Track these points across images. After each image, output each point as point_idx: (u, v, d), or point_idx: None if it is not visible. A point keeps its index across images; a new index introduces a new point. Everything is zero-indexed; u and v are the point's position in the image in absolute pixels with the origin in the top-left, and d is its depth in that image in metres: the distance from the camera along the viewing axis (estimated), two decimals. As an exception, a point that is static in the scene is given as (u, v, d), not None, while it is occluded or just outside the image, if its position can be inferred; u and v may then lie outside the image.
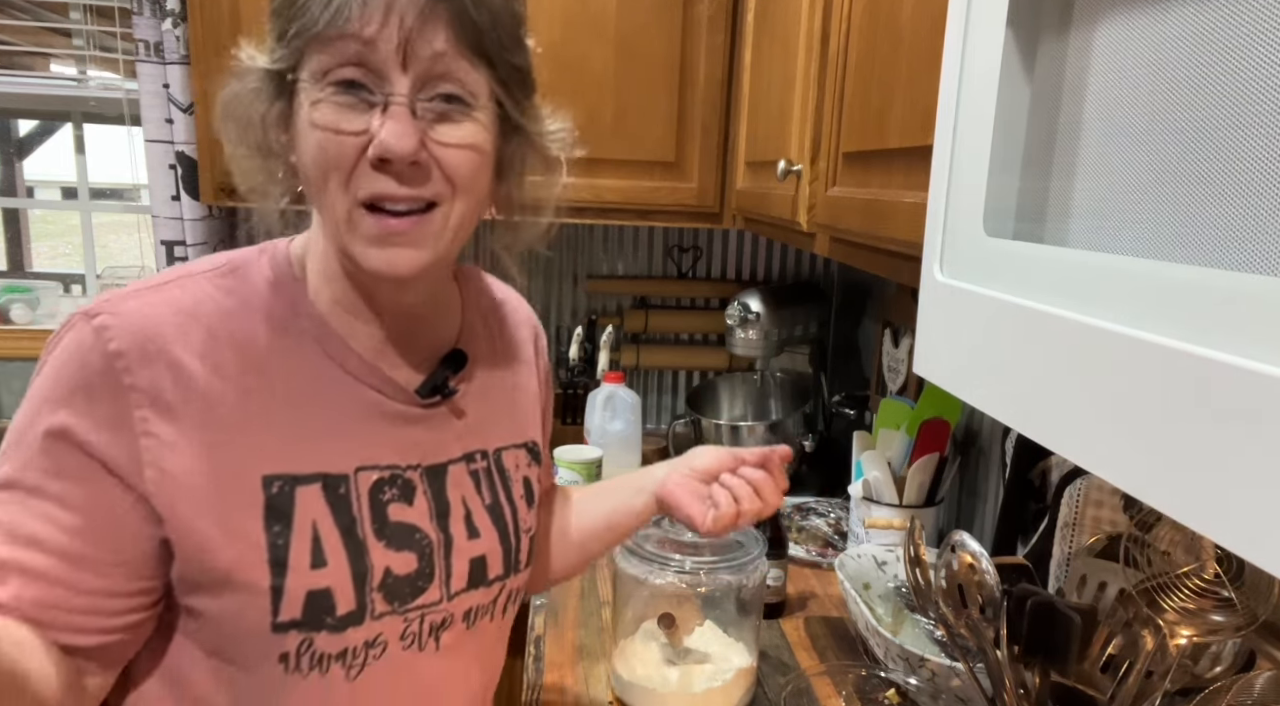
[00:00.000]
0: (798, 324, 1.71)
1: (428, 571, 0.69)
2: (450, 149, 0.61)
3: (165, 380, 0.60)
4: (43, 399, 0.60)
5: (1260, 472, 0.25)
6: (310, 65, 0.60)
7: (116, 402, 0.59)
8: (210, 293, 0.65)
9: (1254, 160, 0.29)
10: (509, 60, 0.63)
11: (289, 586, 0.62)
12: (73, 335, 0.61)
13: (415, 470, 0.70)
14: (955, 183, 0.47)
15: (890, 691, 0.97)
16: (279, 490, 0.63)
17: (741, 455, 0.84)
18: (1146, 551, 0.73)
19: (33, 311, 1.90)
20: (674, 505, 0.83)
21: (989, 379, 0.44)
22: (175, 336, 0.61)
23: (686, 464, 0.85)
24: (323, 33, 0.58)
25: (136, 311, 0.61)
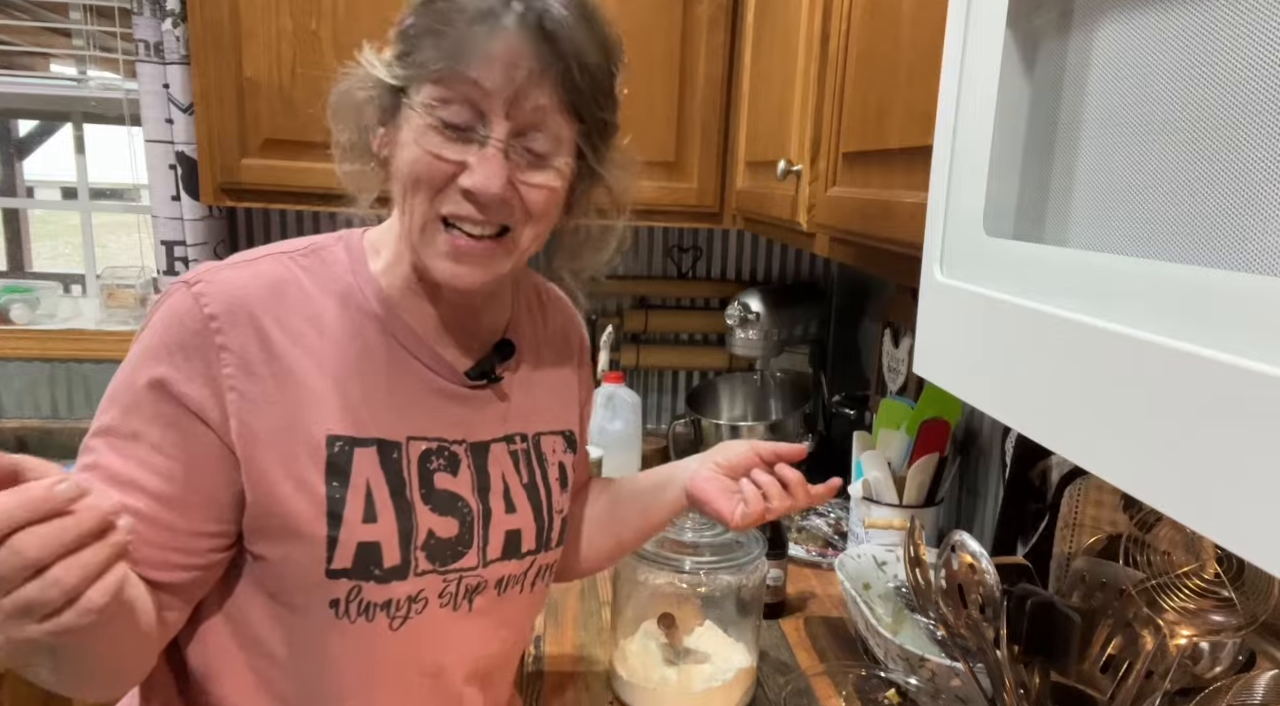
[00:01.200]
0: (798, 324, 1.71)
1: (467, 537, 0.75)
2: (532, 188, 0.69)
3: (251, 343, 0.68)
4: (143, 355, 0.67)
5: (1260, 472, 0.25)
6: (425, 92, 0.67)
7: (208, 359, 0.67)
8: (294, 270, 0.73)
9: (1254, 160, 0.29)
10: (598, 115, 0.72)
11: (342, 538, 0.69)
12: (174, 299, 0.68)
13: (460, 445, 0.77)
14: (955, 182, 0.47)
15: (890, 691, 0.97)
16: (339, 450, 0.70)
17: (774, 450, 0.86)
18: (1146, 551, 0.73)
19: (33, 311, 1.90)
20: (703, 500, 0.85)
21: (989, 379, 0.44)
22: (261, 306, 0.69)
23: (714, 458, 0.88)
24: (446, 70, 0.66)
25: (230, 280, 0.69)
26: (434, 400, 0.76)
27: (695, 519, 1.02)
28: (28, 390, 1.89)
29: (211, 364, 0.67)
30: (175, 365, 0.66)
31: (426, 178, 0.68)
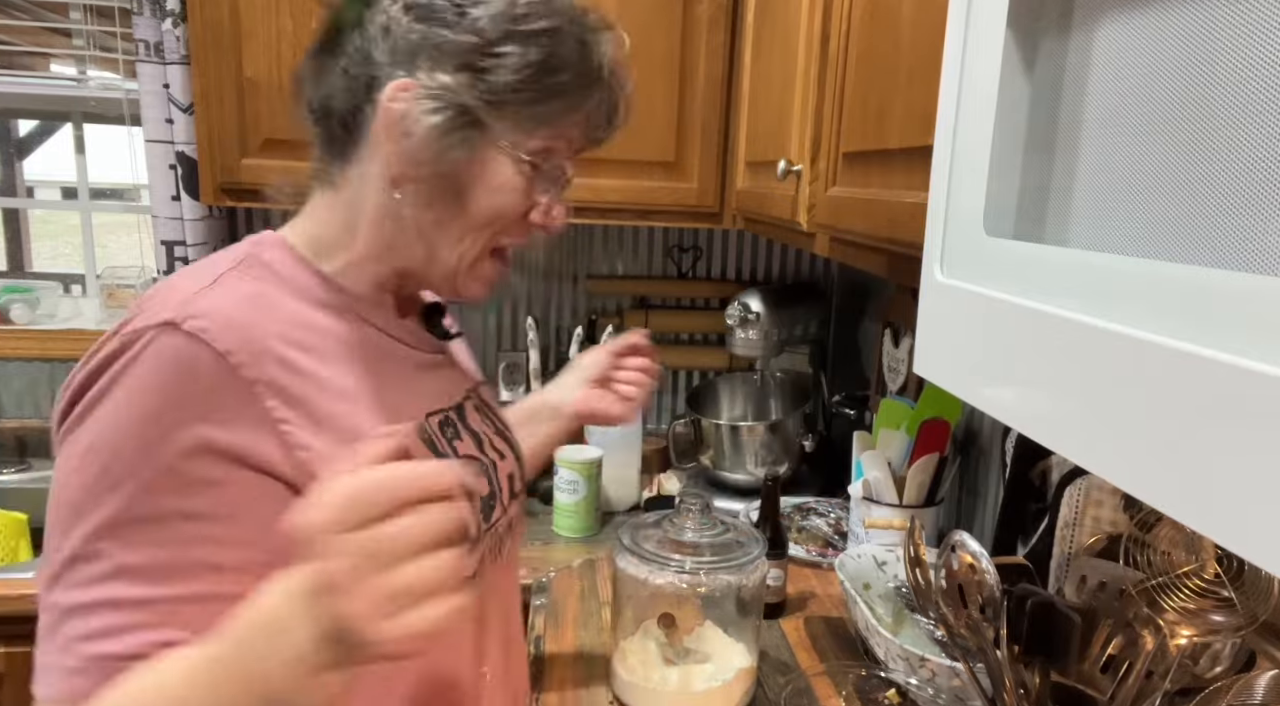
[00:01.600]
0: (798, 324, 1.71)
1: (494, 491, 0.78)
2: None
3: (276, 369, 0.61)
4: (147, 419, 0.56)
5: (1260, 472, 0.25)
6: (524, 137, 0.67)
7: (245, 400, 0.59)
8: (255, 283, 0.66)
9: (1255, 160, 0.29)
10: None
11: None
12: (159, 347, 0.57)
13: (452, 409, 0.79)
14: (955, 182, 0.47)
15: (890, 691, 0.97)
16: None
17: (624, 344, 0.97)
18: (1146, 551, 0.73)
19: (33, 311, 1.90)
20: (593, 415, 0.95)
21: (989, 378, 0.44)
22: (263, 326, 0.62)
23: (580, 377, 0.98)
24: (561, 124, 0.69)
25: (219, 310, 0.60)
26: (421, 374, 0.77)
27: (696, 519, 1.02)
28: (28, 390, 1.89)
29: (251, 404, 0.59)
30: (209, 420, 0.57)
31: (508, 215, 0.69)
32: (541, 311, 1.95)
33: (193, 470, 0.56)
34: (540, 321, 1.92)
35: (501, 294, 1.94)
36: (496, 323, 1.95)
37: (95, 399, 0.57)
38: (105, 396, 0.56)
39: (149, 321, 0.58)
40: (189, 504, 0.56)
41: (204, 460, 0.56)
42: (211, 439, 0.57)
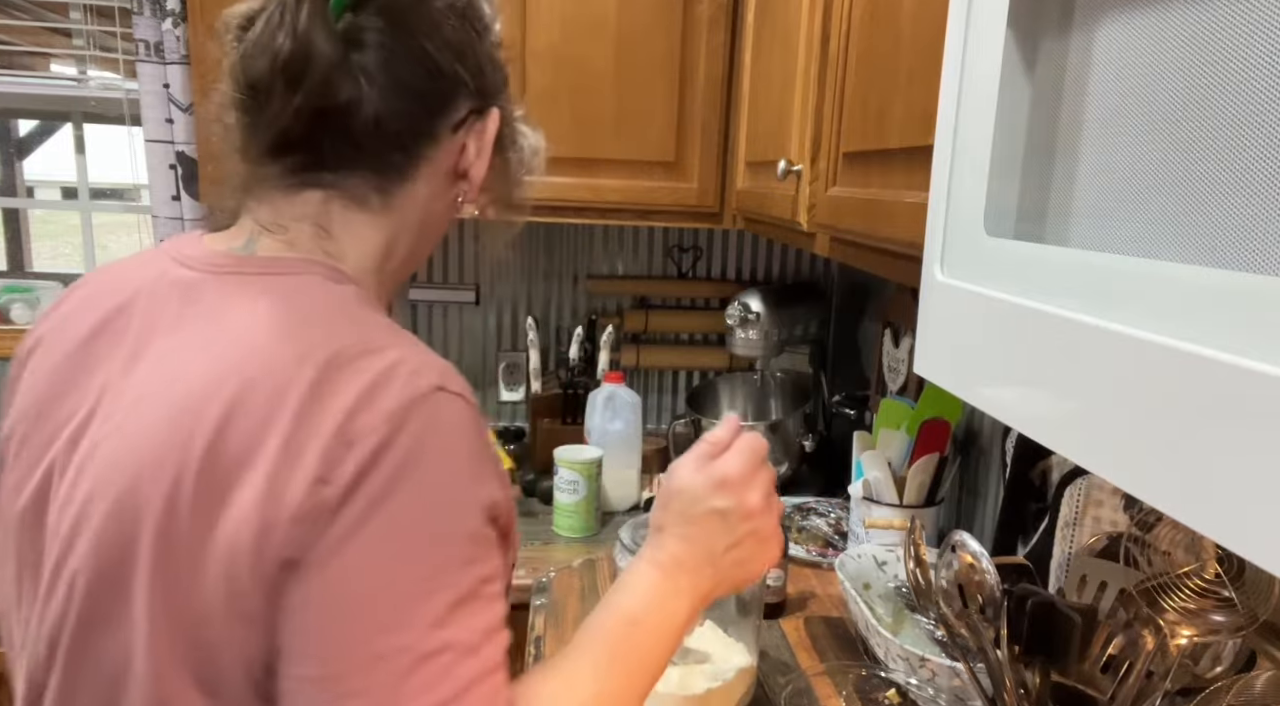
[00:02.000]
0: (798, 324, 1.71)
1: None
2: None
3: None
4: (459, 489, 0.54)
5: (1260, 472, 0.25)
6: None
7: (493, 455, 0.58)
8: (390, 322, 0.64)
9: (1255, 160, 0.29)
10: None
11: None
12: (454, 410, 0.55)
13: None
14: (956, 182, 0.47)
15: (890, 691, 0.97)
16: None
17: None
18: (1146, 551, 0.73)
19: (33, 311, 1.90)
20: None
21: (989, 379, 0.44)
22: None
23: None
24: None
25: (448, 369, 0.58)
26: None
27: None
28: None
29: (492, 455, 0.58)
30: (490, 482, 0.56)
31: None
32: (541, 311, 1.95)
33: (483, 532, 0.55)
34: (540, 321, 1.92)
35: (501, 294, 1.94)
36: (496, 323, 1.95)
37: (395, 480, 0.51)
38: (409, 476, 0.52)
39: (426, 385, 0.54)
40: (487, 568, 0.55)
41: (488, 522, 0.55)
42: (495, 499, 0.56)
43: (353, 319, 0.59)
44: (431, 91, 0.64)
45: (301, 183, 0.64)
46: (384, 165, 0.65)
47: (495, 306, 1.94)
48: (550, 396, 1.76)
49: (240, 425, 0.51)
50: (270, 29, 0.61)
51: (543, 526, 1.55)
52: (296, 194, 0.64)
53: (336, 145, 0.63)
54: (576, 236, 1.93)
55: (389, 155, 0.64)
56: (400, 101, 0.62)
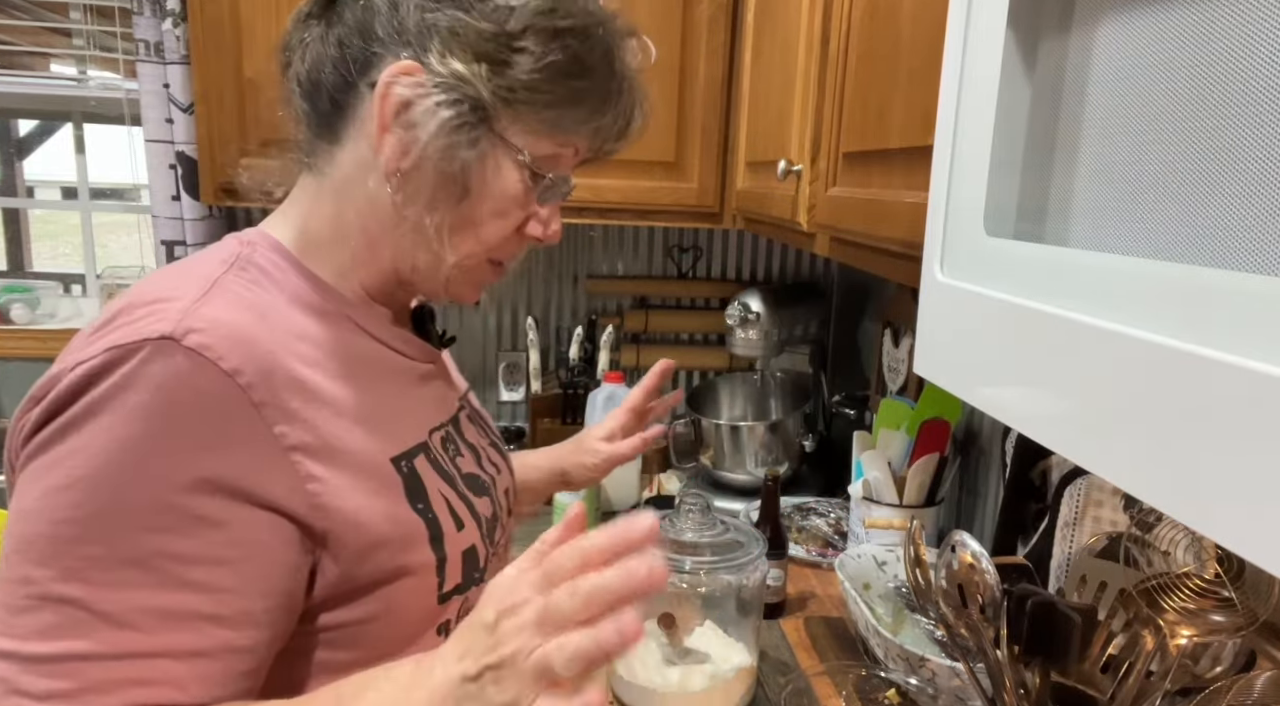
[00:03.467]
0: (798, 324, 1.71)
1: (496, 509, 0.75)
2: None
3: (284, 389, 0.55)
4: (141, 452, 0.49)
5: (1260, 472, 0.25)
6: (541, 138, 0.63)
7: (255, 427, 0.52)
8: (252, 292, 0.59)
9: (1255, 160, 0.29)
10: None
11: (449, 555, 0.63)
12: (159, 367, 0.50)
13: (450, 422, 0.75)
14: (956, 182, 0.47)
15: (890, 691, 0.97)
16: (406, 469, 0.63)
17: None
18: (1146, 551, 0.73)
19: (33, 311, 1.90)
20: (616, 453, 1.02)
21: (989, 379, 0.44)
22: (269, 341, 0.56)
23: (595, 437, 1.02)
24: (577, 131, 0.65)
25: (222, 322, 0.53)
26: (419, 386, 0.71)
27: (696, 519, 1.02)
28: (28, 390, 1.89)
29: (261, 431, 0.53)
30: (216, 451, 0.51)
31: (507, 226, 0.65)
32: (541, 311, 1.95)
33: (192, 507, 0.50)
34: (540, 321, 1.92)
35: (501, 294, 1.94)
36: (496, 323, 1.95)
37: (76, 421, 0.50)
38: (90, 419, 0.49)
39: (142, 333, 0.51)
40: (184, 545, 0.50)
41: (205, 496, 0.50)
42: (216, 472, 0.50)
43: (187, 272, 0.58)
44: (356, 47, 0.61)
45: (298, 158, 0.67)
46: (319, 120, 0.64)
47: (495, 306, 1.94)
48: (550, 396, 1.76)
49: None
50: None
51: (543, 526, 1.54)
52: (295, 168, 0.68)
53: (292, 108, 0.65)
54: (576, 236, 1.93)
55: (316, 104, 0.64)
56: (331, 53, 0.62)
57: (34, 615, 0.48)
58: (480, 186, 0.62)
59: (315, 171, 0.65)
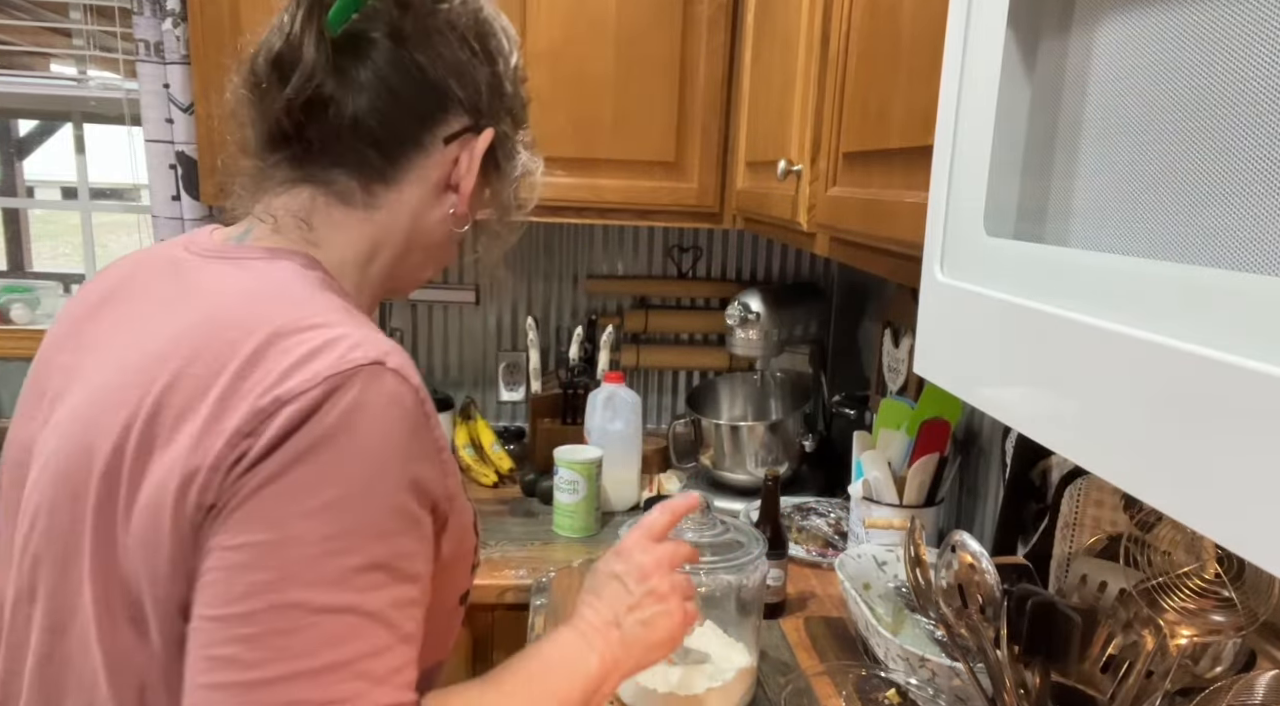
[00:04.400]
0: (798, 324, 1.71)
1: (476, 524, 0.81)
2: None
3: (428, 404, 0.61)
4: (385, 460, 0.56)
5: (1260, 472, 0.25)
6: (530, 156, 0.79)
7: (433, 434, 0.59)
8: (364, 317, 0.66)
9: (1255, 160, 0.29)
10: None
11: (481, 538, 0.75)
12: (378, 389, 0.56)
13: None
14: (956, 182, 0.47)
15: (890, 691, 0.97)
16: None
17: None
18: (1146, 551, 0.73)
19: (33, 311, 1.90)
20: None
21: (989, 378, 0.44)
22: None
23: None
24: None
25: (394, 346, 0.60)
26: None
27: (696, 519, 1.02)
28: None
29: (433, 438, 0.60)
30: (416, 460, 0.57)
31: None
32: (541, 311, 1.95)
33: (410, 510, 0.57)
34: (540, 321, 1.92)
35: (501, 294, 1.94)
36: (496, 322, 1.95)
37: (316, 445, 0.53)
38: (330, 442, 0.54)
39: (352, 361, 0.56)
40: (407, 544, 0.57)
41: (414, 498, 0.57)
42: (418, 476, 0.57)
43: (310, 299, 0.62)
44: (419, 101, 0.68)
45: (295, 179, 0.69)
46: (363, 164, 0.69)
47: (495, 306, 1.94)
48: (550, 396, 1.76)
49: (185, 384, 0.56)
50: (272, 33, 0.68)
51: (543, 526, 1.55)
52: (290, 189, 0.69)
53: (321, 140, 0.68)
54: (576, 236, 1.93)
55: (368, 153, 0.68)
56: (382, 105, 0.67)
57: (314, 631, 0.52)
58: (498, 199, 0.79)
59: (348, 204, 0.70)
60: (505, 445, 1.79)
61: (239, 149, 0.72)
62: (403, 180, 0.70)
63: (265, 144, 0.69)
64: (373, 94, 0.66)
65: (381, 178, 0.69)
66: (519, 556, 1.42)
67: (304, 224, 0.68)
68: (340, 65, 0.66)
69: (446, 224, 0.73)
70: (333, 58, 0.65)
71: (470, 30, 0.70)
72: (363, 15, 0.66)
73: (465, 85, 0.70)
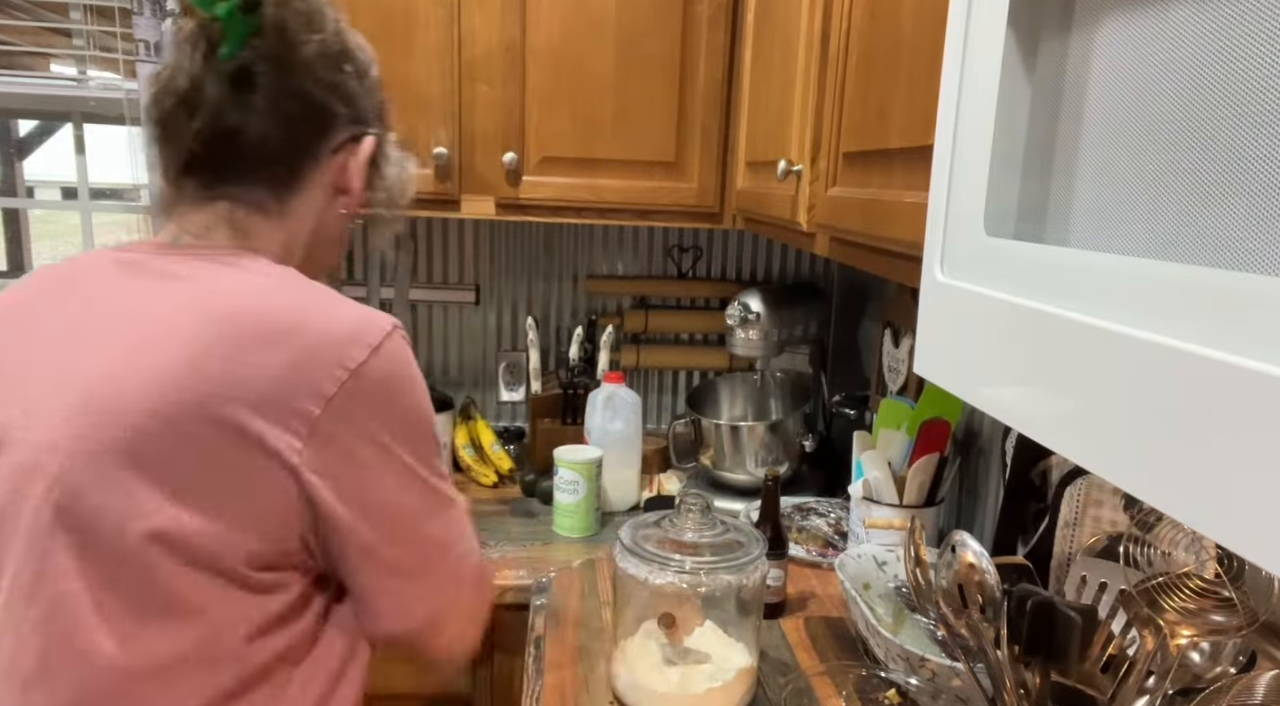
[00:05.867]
0: (798, 324, 1.71)
1: None
2: None
3: None
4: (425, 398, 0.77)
5: (1260, 472, 0.25)
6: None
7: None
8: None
9: (1254, 160, 0.29)
10: None
11: None
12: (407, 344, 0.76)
13: None
14: (956, 182, 0.47)
15: (890, 691, 0.97)
16: None
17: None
18: (1146, 551, 0.73)
19: (33, 311, 1.90)
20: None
21: (989, 379, 0.44)
22: None
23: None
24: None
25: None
26: None
27: (696, 519, 1.02)
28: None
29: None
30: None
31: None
32: (541, 311, 1.95)
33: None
34: (540, 321, 1.92)
35: (501, 294, 1.94)
36: (496, 322, 1.95)
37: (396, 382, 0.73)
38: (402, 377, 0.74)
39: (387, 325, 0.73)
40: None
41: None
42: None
43: (307, 284, 0.76)
44: (309, 120, 0.80)
45: (211, 196, 0.79)
46: (272, 178, 0.80)
47: (495, 306, 1.94)
48: (550, 396, 1.76)
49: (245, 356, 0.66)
50: (174, 74, 0.77)
51: (543, 526, 1.55)
52: (209, 205, 0.79)
53: (232, 162, 0.78)
54: (576, 236, 1.93)
55: (275, 169, 0.80)
56: (281, 127, 0.78)
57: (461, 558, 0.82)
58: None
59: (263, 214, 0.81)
60: (505, 445, 1.79)
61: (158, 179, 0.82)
62: (304, 188, 0.82)
63: (180, 168, 0.78)
64: (270, 119, 0.77)
65: (287, 187, 0.81)
66: (519, 556, 1.42)
67: (236, 232, 0.79)
68: (238, 98, 0.75)
69: (342, 219, 0.87)
70: (231, 91, 0.75)
71: (341, 53, 0.81)
72: (250, 51, 0.75)
73: (343, 101, 0.81)
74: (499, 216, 1.54)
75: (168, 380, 0.65)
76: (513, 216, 1.54)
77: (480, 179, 1.51)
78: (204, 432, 0.64)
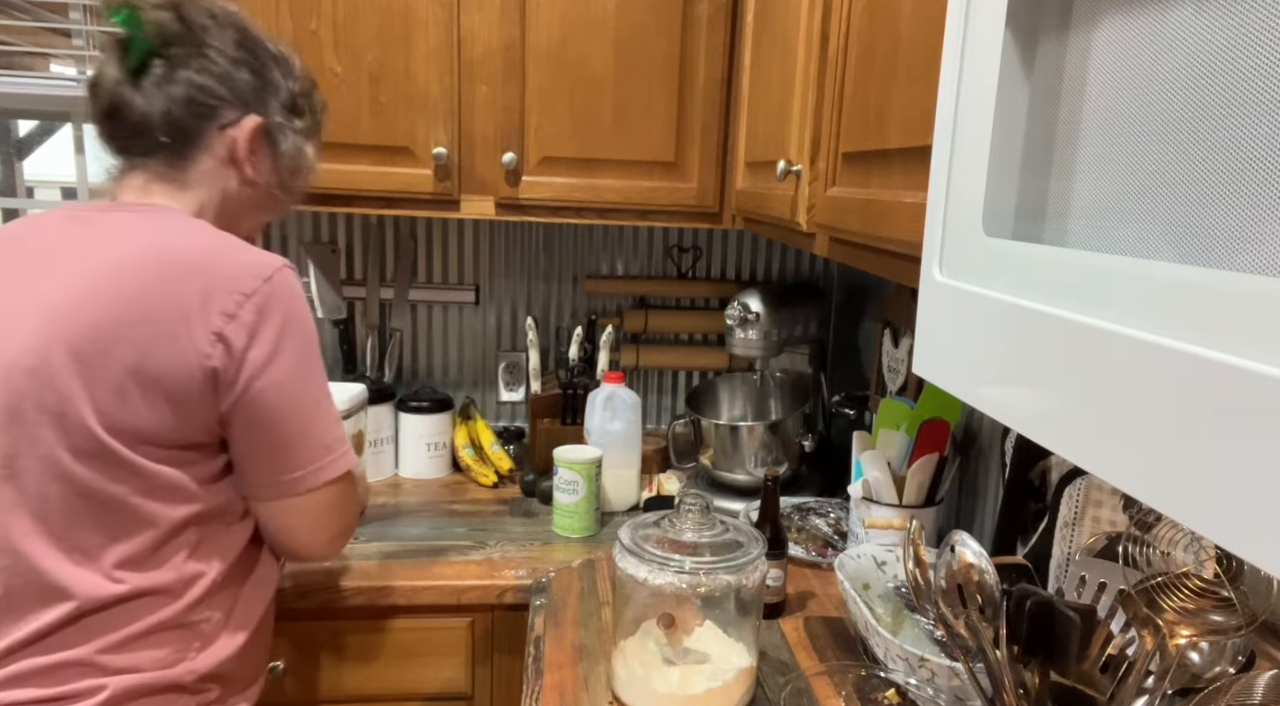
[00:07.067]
0: (798, 324, 1.71)
1: None
2: None
3: None
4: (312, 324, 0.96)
5: (1260, 472, 0.25)
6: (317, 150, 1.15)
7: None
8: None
9: (1253, 161, 0.29)
10: None
11: None
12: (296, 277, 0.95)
13: None
14: (955, 183, 0.47)
15: (890, 691, 0.97)
16: None
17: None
18: (1146, 551, 0.73)
19: (32, 311, 1.90)
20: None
21: (988, 378, 0.44)
22: None
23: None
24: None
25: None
26: None
27: (696, 519, 1.02)
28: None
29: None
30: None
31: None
32: (541, 311, 1.95)
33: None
34: (540, 321, 1.92)
35: (500, 294, 1.94)
36: (496, 322, 1.95)
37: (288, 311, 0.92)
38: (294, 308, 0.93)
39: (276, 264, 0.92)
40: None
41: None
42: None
43: (217, 233, 0.95)
44: (193, 102, 0.97)
45: (130, 166, 1.00)
46: (166, 150, 0.98)
47: (495, 306, 1.94)
48: (550, 396, 1.76)
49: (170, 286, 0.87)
50: (95, 69, 0.99)
51: (542, 526, 1.55)
52: (128, 173, 1.00)
53: (132, 137, 0.98)
54: (576, 236, 1.93)
55: (166, 143, 0.97)
56: (168, 107, 0.96)
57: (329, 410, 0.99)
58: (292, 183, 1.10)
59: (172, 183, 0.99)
60: (505, 445, 1.79)
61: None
62: (199, 158, 0.99)
63: (104, 145, 1.00)
64: (156, 100, 0.95)
65: (181, 158, 0.98)
66: (519, 556, 1.42)
67: (157, 193, 0.98)
68: (133, 83, 0.95)
69: (243, 191, 1.02)
70: (127, 78, 0.95)
71: (232, 48, 0.98)
72: (149, 52, 0.95)
73: (230, 87, 0.98)
74: (499, 216, 1.54)
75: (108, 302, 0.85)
76: (512, 216, 1.54)
77: (480, 179, 1.51)
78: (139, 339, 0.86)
